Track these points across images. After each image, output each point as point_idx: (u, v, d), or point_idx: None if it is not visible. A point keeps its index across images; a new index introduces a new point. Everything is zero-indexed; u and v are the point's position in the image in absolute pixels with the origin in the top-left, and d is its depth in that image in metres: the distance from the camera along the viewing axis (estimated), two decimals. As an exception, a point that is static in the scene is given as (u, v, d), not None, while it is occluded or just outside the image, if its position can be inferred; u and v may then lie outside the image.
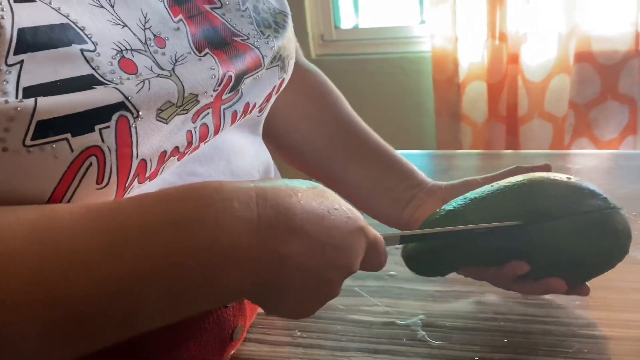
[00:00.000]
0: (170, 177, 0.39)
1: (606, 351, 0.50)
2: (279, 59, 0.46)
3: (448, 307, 0.58)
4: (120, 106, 0.30)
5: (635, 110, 1.62)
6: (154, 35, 0.35)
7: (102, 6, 0.32)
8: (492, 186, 0.52)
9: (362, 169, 0.59)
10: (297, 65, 0.61)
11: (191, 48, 0.36)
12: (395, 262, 0.67)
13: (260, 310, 0.58)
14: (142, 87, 0.31)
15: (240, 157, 0.46)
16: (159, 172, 0.36)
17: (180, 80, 0.34)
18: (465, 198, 0.53)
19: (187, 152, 0.39)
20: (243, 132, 0.49)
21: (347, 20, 1.99)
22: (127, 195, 0.34)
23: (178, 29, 0.36)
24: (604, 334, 0.52)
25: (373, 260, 0.40)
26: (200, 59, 0.36)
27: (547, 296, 0.58)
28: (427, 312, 0.58)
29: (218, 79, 0.37)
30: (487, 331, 0.54)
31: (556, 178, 0.51)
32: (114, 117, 0.30)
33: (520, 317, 0.55)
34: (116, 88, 0.30)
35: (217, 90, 0.37)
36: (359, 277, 0.64)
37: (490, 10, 1.60)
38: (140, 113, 0.31)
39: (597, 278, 0.60)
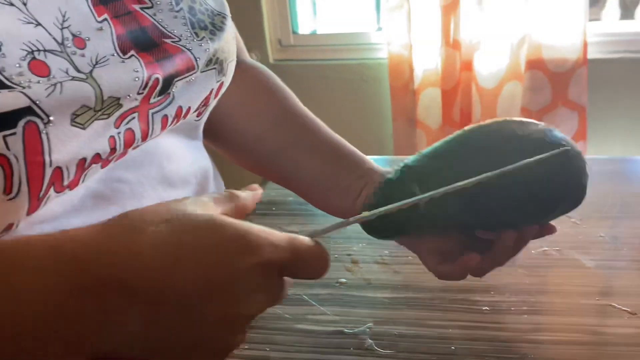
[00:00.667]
0: (94, 184, 0.37)
1: (553, 356, 0.50)
2: (215, 62, 0.44)
3: (397, 315, 0.57)
4: (26, 111, 0.28)
5: (585, 117, 1.67)
6: (73, 35, 0.32)
7: (11, 4, 0.30)
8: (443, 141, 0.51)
9: (316, 164, 0.57)
10: (242, 64, 0.60)
11: (115, 49, 0.34)
12: (345, 269, 0.66)
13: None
14: (52, 91, 0.29)
15: (174, 163, 0.44)
16: (81, 180, 0.34)
17: (97, 83, 0.32)
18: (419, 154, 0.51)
19: (111, 159, 0.36)
20: (179, 137, 0.47)
21: (305, 26, 1.99)
22: (44, 205, 0.32)
23: (101, 29, 0.34)
24: (551, 338, 0.52)
25: (304, 271, 0.32)
26: (123, 61, 0.34)
27: (495, 298, 0.58)
28: (376, 319, 0.57)
29: (142, 82, 0.35)
30: (434, 339, 0.53)
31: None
32: (21, 123, 0.28)
33: (467, 324, 0.55)
34: (22, 92, 0.28)
35: (142, 93, 0.35)
36: (308, 285, 0.63)
37: (444, 17, 1.62)
38: (51, 118, 0.29)
39: (542, 282, 0.60)
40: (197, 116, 0.49)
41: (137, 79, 0.35)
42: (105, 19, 0.34)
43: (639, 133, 1.76)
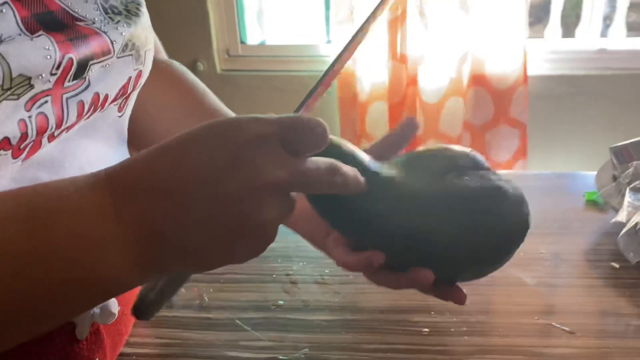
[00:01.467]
0: (7, 182, 0.34)
1: (491, 380, 0.48)
2: (132, 48, 0.42)
3: (334, 339, 0.54)
4: None
5: (525, 134, 1.71)
6: None
7: None
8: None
9: None
10: (157, 61, 0.58)
11: (21, 29, 0.32)
12: (283, 290, 0.62)
13: (124, 343, 0.52)
14: None
15: (96, 167, 0.41)
16: None
17: (4, 59, 0.30)
18: None
19: (24, 148, 0.34)
20: (106, 139, 0.45)
21: (254, 37, 1.96)
22: None
23: (1, 11, 0.32)
24: (490, 361, 0.50)
25: (301, 138, 0.32)
26: (32, 39, 0.32)
27: (436, 319, 0.56)
28: (312, 344, 0.53)
29: (55, 61, 0.33)
30: (372, 364, 0.50)
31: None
32: None
33: (407, 347, 0.52)
34: None
35: (55, 74, 0.33)
36: (241, 309, 0.59)
37: (391, 32, 1.62)
38: None
39: (482, 301, 0.58)
40: (119, 111, 0.46)
41: (49, 57, 0.32)
42: (6, 2, 0.32)
43: (578, 149, 1.82)
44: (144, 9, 0.45)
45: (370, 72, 1.68)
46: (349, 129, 1.76)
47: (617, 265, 0.64)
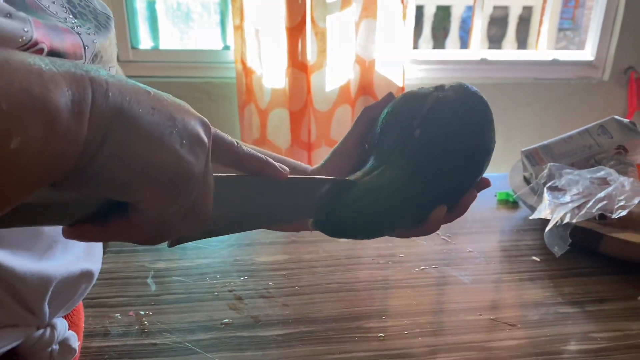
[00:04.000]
0: None
1: (452, 378, 0.50)
2: (100, 60, 0.38)
3: (292, 353, 0.53)
4: None
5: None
6: None
7: None
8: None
9: None
10: None
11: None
12: (229, 307, 0.60)
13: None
14: None
15: None
16: None
17: None
18: None
19: None
20: None
21: (146, 41, 1.86)
22: None
23: None
24: (448, 359, 0.52)
25: (203, 194, 0.31)
26: (9, 15, 0.29)
27: (388, 323, 0.57)
28: (270, 361, 0.52)
29: (27, 40, 0.29)
30: (338, 375, 0.50)
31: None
32: None
33: (366, 354, 0.53)
34: None
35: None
36: (188, 330, 0.55)
37: (290, 39, 1.63)
38: None
39: (428, 302, 0.60)
40: None
41: (22, 39, 0.29)
42: None
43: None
44: (112, 24, 0.41)
45: (270, 78, 1.68)
46: (249, 135, 1.74)
47: (537, 259, 0.70)
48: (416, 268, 0.68)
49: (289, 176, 0.36)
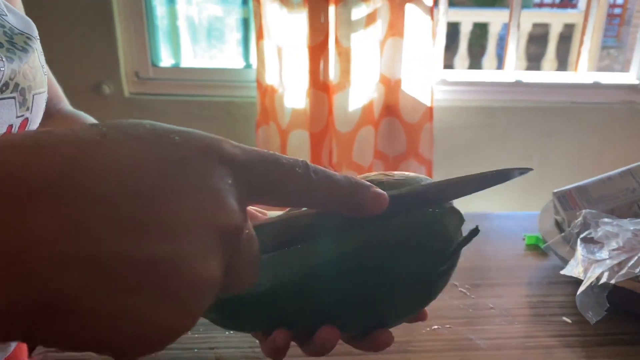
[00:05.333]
0: None
1: None
2: (15, 89, 0.34)
3: None
4: None
5: (431, 172, 1.72)
6: None
7: None
8: None
9: None
10: (57, 114, 0.50)
11: None
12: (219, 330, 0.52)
13: None
14: None
15: None
16: None
17: None
18: None
19: None
20: None
21: (167, 59, 1.83)
22: None
23: None
24: None
25: (244, 271, 0.23)
26: None
27: None
28: None
29: None
30: None
31: None
32: None
33: None
34: None
35: None
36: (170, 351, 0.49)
37: (312, 59, 1.57)
38: None
39: None
40: None
41: None
42: None
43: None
44: (36, 45, 0.37)
45: (291, 98, 1.62)
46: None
47: (569, 320, 0.60)
48: (427, 328, 0.59)
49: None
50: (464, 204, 1.65)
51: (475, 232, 0.31)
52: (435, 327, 0.59)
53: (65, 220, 0.16)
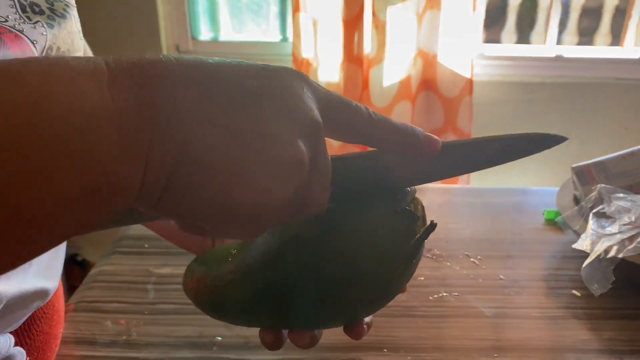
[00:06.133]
0: None
1: None
2: (58, 52, 0.37)
3: (277, 383, 0.49)
4: None
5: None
6: None
7: None
8: None
9: None
10: None
11: None
12: (222, 324, 0.56)
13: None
14: None
15: None
16: None
17: None
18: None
19: None
20: None
21: (206, 32, 1.87)
22: None
23: None
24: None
25: (318, 184, 0.26)
26: None
27: (389, 357, 0.51)
28: (251, 390, 0.48)
29: None
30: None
31: None
32: None
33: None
34: None
35: None
36: (175, 346, 0.53)
37: (346, 32, 1.57)
38: None
39: (438, 335, 0.53)
40: None
41: None
42: None
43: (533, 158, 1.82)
44: (73, 12, 0.39)
45: (324, 72, 1.63)
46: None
47: (578, 294, 0.61)
48: (435, 295, 0.61)
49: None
50: (502, 178, 1.62)
51: (431, 228, 0.31)
52: (443, 294, 0.61)
53: (200, 97, 0.22)
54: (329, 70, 1.63)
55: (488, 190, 0.89)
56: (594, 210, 0.59)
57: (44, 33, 0.35)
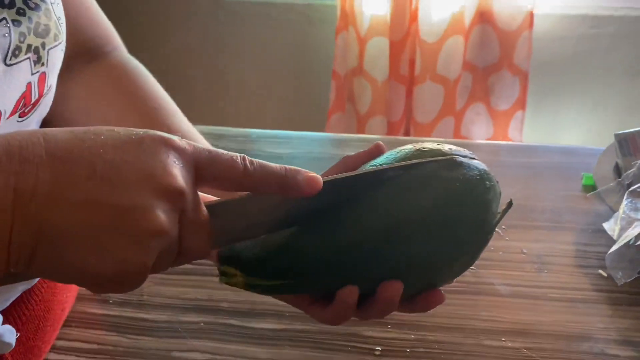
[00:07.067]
0: None
1: None
2: (28, 50, 0.35)
3: (276, 355, 0.49)
4: None
5: (526, 85, 1.59)
6: None
7: None
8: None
9: None
10: (103, 60, 0.50)
11: None
12: (230, 288, 0.57)
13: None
14: None
15: None
16: None
17: None
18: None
19: None
20: None
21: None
22: None
23: None
24: None
25: (192, 237, 0.29)
26: None
27: (391, 334, 0.50)
28: None
29: None
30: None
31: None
32: None
33: None
34: None
35: None
36: (183, 309, 0.54)
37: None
38: None
39: (446, 313, 0.51)
40: (20, 117, 0.39)
41: None
42: None
43: (592, 95, 1.70)
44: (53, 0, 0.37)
45: (371, 3, 1.54)
46: (344, 64, 1.64)
47: (605, 274, 0.57)
48: (449, 266, 0.59)
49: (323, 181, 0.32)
50: (545, 112, 1.51)
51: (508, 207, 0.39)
52: (458, 267, 0.59)
53: (57, 177, 0.25)
54: (375, 1, 1.54)
55: (531, 148, 0.84)
56: (631, 189, 0.54)
57: (6, 35, 0.33)
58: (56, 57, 0.39)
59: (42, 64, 0.37)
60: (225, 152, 0.29)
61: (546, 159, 0.79)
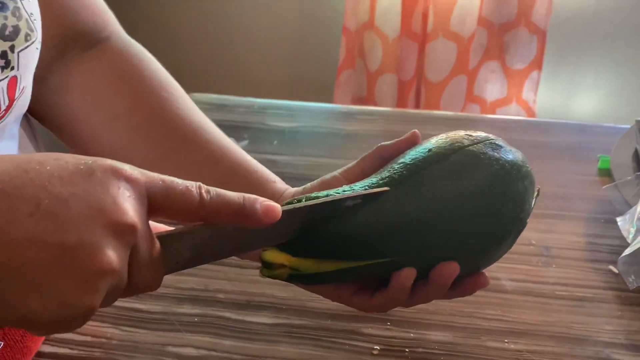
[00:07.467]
0: None
1: None
2: None
3: (273, 351, 0.48)
4: None
5: (544, 44, 1.52)
6: None
7: None
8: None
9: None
10: (101, 45, 0.47)
11: None
12: (227, 277, 0.55)
13: None
14: None
15: None
16: None
17: None
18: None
19: None
20: None
21: None
22: None
23: None
24: None
25: (143, 272, 0.28)
26: None
27: (391, 332, 0.49)
28: (246, 356, 0.48)
29: None
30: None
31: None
32: None
33: None
34: None
35: None
36: (178, 300, 0.53)
37: None
38: None
39: (447, 310, 0.50)
40: None
41: None
42: None
43: (613, 57, 1.62)
44: None
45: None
46: (355, 19, 1.57)
47: (616, 271, 0.55)
48: (454, 258, 0.57)
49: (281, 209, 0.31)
50: (559, 74, 1.45)
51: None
52: (463, 260, 0.57)
53: (1, 211, 0.23)
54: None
55: (544, 124, 0.80)
56: (650, 185, 0.51)
57: None
58: (29, 58, 0.36)
59: (12, 68, 0.35)
60: (180, 181, 0.28)
61: (560, 138, 0.75)
